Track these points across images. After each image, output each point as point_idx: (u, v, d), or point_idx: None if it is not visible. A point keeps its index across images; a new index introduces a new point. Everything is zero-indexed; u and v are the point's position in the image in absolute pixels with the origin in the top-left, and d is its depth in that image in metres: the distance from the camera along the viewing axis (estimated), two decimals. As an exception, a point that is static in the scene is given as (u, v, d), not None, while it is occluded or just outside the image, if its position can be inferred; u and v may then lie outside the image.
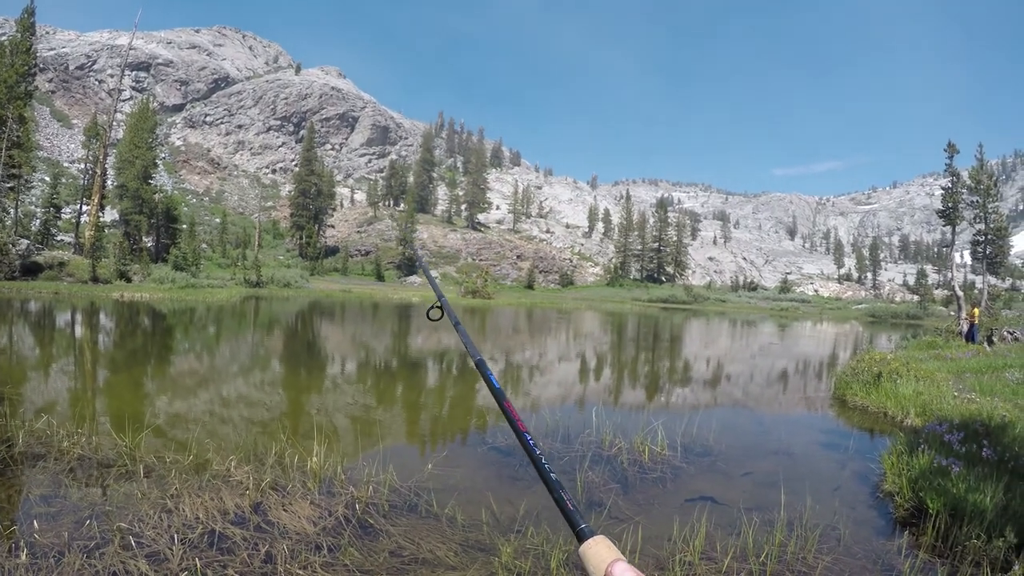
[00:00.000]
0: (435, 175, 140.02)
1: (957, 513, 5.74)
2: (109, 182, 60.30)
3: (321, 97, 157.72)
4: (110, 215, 66.28)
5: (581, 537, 1.22)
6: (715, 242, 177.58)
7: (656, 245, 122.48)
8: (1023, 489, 6.07)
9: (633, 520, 5.70)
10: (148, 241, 60.86)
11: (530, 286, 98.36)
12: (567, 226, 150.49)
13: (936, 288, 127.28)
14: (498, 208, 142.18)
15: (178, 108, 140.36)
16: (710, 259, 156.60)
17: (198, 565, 4.09)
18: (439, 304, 2.53)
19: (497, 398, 1.62)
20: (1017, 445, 7.85)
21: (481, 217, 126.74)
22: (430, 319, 2.56)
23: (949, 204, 33.56)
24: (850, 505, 6.70)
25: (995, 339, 26.09)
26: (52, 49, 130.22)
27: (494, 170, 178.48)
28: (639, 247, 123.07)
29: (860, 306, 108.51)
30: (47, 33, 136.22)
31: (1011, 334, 27.04)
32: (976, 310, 27.35)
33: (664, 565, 4.80)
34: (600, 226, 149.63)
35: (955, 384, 13.81)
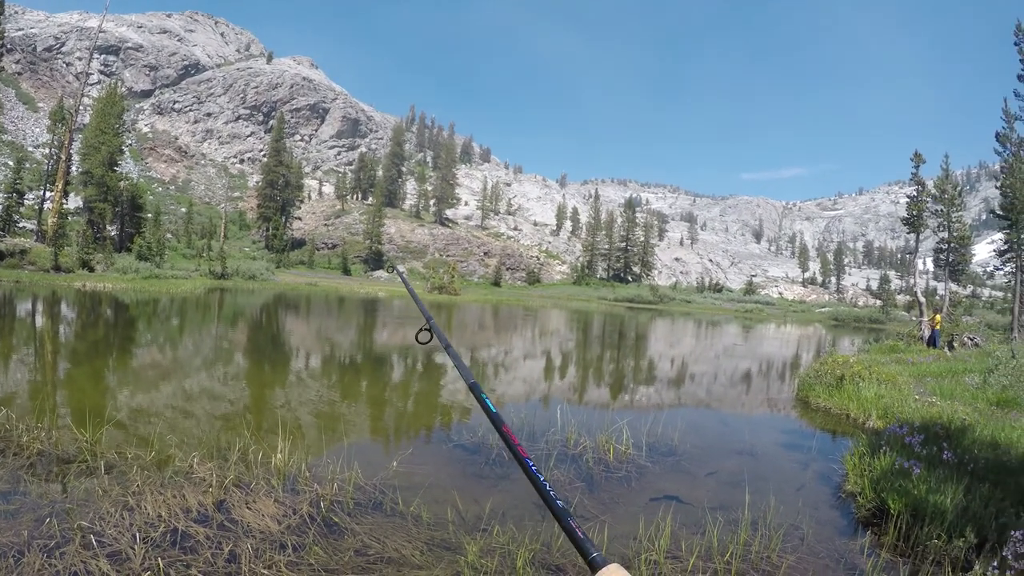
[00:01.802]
0: (404, 169, 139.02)
1: (918, 513, 5.84)
2: (74, 168, 58.95)
3: (292, 87, 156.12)
4: (74, 202, 64.78)
5: (594, 566, 1.15)
6: (682, 243, 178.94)
7: (623, 245, 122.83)
8: (983, 491, 6.20)
9: (599, 519, 5.72)
10: (112, 230, 59.65)
11: (497, 283, 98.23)
12: (535, 224, 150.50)
13: (899, 293, 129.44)
14: (467, 204, 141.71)
15: (146, 94, 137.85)
16: (676, 260, 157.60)
17: (160, 565, 4.02)
18: (427, 327, 2.43)
19: (495, 423, 1.59)
20: (977, 448, 8.02)
21: (449, 213, 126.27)
22: (419, 342, 2.46)
23: (914, 212, 34.21)
24: (813, 505, 6.79)
25: (956, 344, 26.59)
26: (20, 29, 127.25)
27: (464, 166, 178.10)
28: (606, 246, 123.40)
29: (824, 309, 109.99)
30: (15, 13, 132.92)
31: (971, 340, 27.58)
32: (938, 316, 27.85)
33: (630, 564, 4.81)
34: (568, 224, 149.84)
35: (916, 388, 14.03)
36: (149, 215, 64.86)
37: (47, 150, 62.07)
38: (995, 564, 4.76)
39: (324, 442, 7.78)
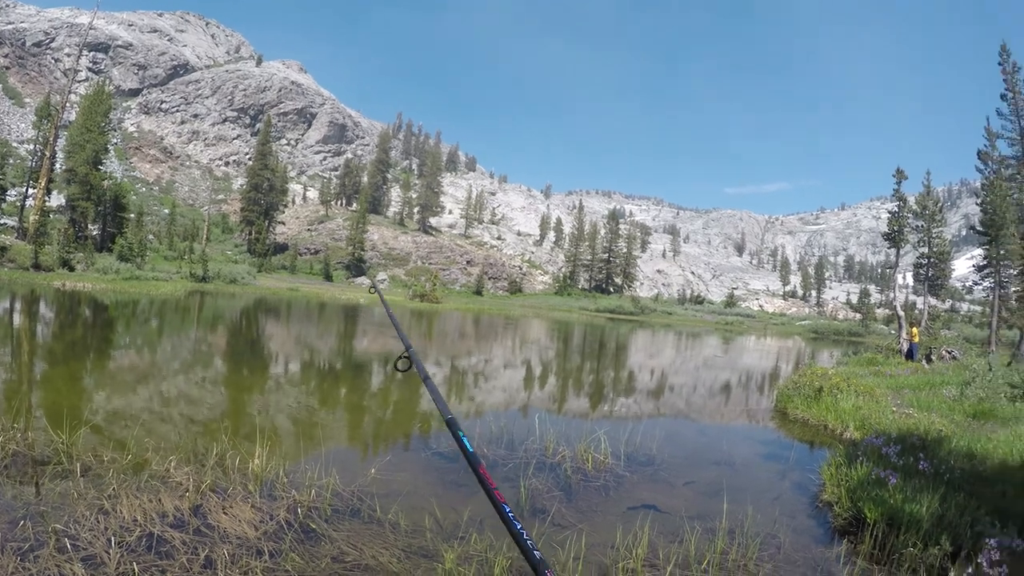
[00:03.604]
0: (390, 176, 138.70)
1: (894, 522, 5.92)
2: (58, 165, 58.52)
3: (280, 91, 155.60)
4: (56, 200, 64.21)
5: None
6: (664, 255, 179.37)
7: (606, 256, 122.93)
8: (958, 500, 6.31)
9: (576, 527, 5.73)
10: (94, 229, 59.08)
11: (479, 292, 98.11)
12: (519, 233, 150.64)
13: (878, 307, 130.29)
14: (451, 212, 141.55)
15: (134, 93, 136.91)
16: (659, 272, 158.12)
17: (136, 570, 3.99)
18: (407, 355, 2.40)
19: (471, 464, 1.53)
20: (953, 458, 8.14)
21: (433, 221, 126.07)
22: (397, 370, 2.43)
23: (895, 227, 34.59)
24: (790, 514, 6.85)
25: (934, 357, 26.84)
26: (10, 23, 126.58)
27: (449, 174, 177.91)
28: (589, 257, 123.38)
29: (804, 322, 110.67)
30: (6, 6, 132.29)
31: (949, 353, 27.85)
32: (915, 329, 28.13)
33: (607, 573, 4.85)
34: (551, 235, 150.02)
35: (894, 400, 14.17)
36: (132, 215, 64.42)
37: (32, 146, 61.44)
38: (970, 571, 4.84)
39: (302, 448, 7.76)
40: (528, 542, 1.30)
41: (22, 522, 4.50)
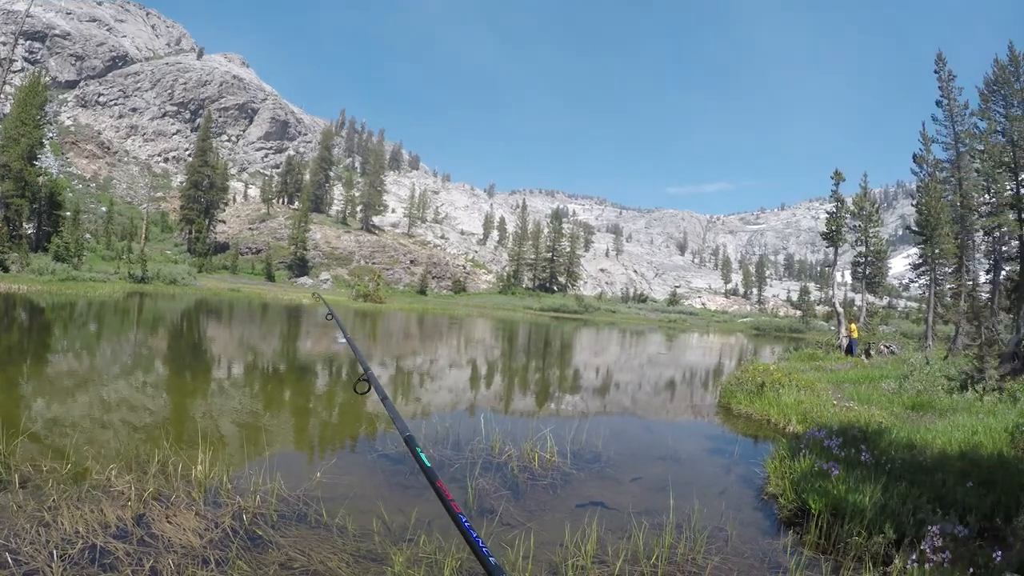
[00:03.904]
0: (332, 174, 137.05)
1: (838, 512, 6.07)
2: (-9, 160, 56.37)
3: (221, 85, 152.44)
4: (-12, 198, 62.06)
5: None
6: (607, 254, 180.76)
7: (550, 255, 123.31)
8: (900, 489, 6.49)
9: (525, 526, 5.77)
10: (29, 228, 57.01)
11: (423, 291, 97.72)
12: (462, 233, 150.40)
13: (818, 304, 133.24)
14: (394, 211, 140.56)
15: (71, 84, 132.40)
16: (602, 271, 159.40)
17: (78, 582, 3.90)
18: (365, 377, 2.43)
19: (429, 478, 1.57)
20: (894, 449, 8.40)
21: (376, 219, 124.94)
22: (357, 392, 2.47)
23: (833, 227, 35.64)
24: (736, 507, 6.98)
25: (872, 352, 27.64)
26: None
27: (392, 172, 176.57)
28: (533, 256, 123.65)
29: (745, 319, 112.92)
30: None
31: (887, 348, 28.75)
32: (854, 325, 28.89)
33: (557, 570, 4.89)
34: (495, 234, 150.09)
35: (835, 393, 14.53)
36: (68, 213, 62.37)
37: (-38, 140, 59.09)
38: (914, 558, 5.00)
39: (246, 453, 7.64)
40: (484, 549, 1.32)
41: (-42, 536, 4.35)
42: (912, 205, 37.29)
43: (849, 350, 27.69)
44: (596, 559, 5.08)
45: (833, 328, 40.92)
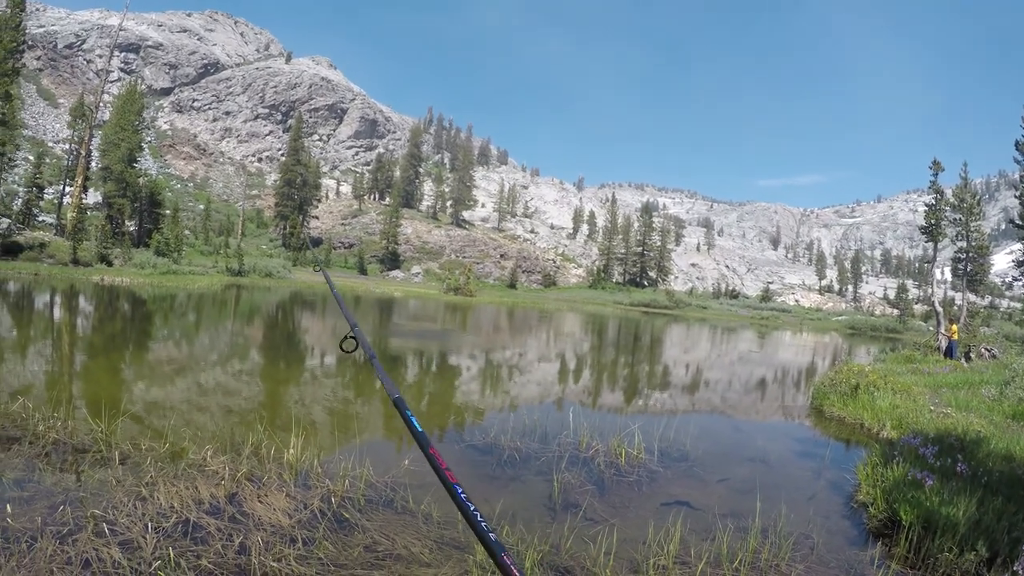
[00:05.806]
0: (422, 170, 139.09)
1: (930, 525, 5.77)
2: (93, 164, 59.59)
3: (311, 87, 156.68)
4: (93, 197, 65.19)
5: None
6: (698, 249, 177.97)
7: (640, 249, 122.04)
8: (996, 504, 6.13)
9: (608, 522, 5.71)
10: (131, 225, 60.00)
11: (512, 285, 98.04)
12: (552, 227, 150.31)
13: (916, 303, 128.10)
14: (483, 206, 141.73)
15: (166, 92, 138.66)
16: (693, 265, 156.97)
17: (171, 554, 4.05)
18: (352, 335, 2.44)
19: (420, 444, 1.54)
20: (991, 461, 7.94)
21: (466, 214, 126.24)
22: (344, 351, 2.46)
23: (932, 221, 33.90)
24: (824, 514, 6.75)
25: (973, 355, 26.33)
26: (42, 26, 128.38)
27: (481, 168, 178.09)
28: (623, 250, 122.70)
29: (840, 318, 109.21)
30: (37, 10, 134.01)
31: (988, 351, 27.30)
32: (954, 326, 27.60)
33: (638, 568, 4.81)
34: (585, 228, 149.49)
35: (932, 398, 13.92)
36: (167, 211, 65.21)
37: (67, 146, 62.82)
38: (1006, 578, 4.73)
39: (337, 439, 7.81)
40: (482, 523, 1.30)
41: (62, 507, 4.59)
42: (1015, 196, 35.32)
43: (948, 352, 26.44)
44: (678, 560, 4.98)
45: (932, 329, 39.22)
